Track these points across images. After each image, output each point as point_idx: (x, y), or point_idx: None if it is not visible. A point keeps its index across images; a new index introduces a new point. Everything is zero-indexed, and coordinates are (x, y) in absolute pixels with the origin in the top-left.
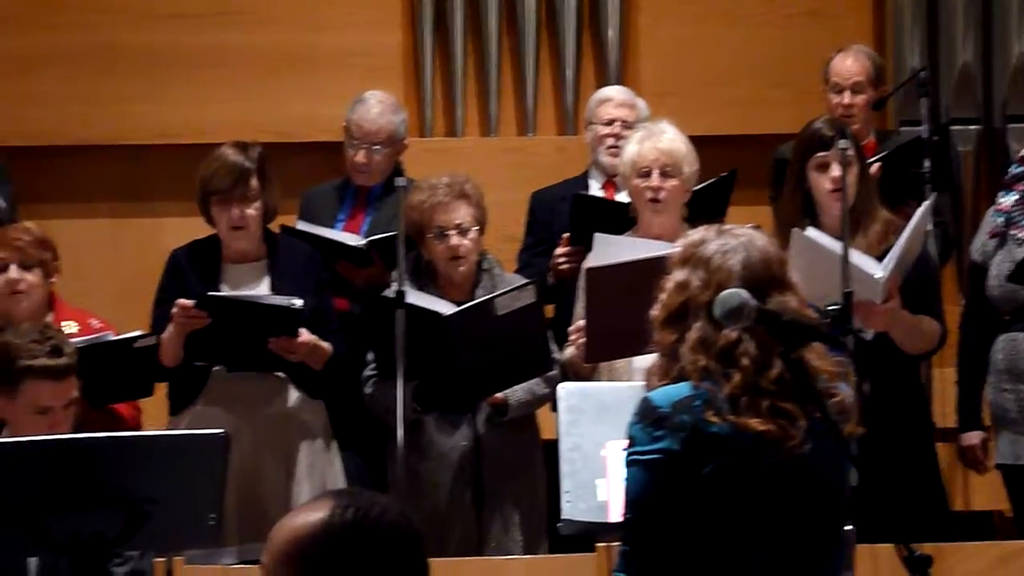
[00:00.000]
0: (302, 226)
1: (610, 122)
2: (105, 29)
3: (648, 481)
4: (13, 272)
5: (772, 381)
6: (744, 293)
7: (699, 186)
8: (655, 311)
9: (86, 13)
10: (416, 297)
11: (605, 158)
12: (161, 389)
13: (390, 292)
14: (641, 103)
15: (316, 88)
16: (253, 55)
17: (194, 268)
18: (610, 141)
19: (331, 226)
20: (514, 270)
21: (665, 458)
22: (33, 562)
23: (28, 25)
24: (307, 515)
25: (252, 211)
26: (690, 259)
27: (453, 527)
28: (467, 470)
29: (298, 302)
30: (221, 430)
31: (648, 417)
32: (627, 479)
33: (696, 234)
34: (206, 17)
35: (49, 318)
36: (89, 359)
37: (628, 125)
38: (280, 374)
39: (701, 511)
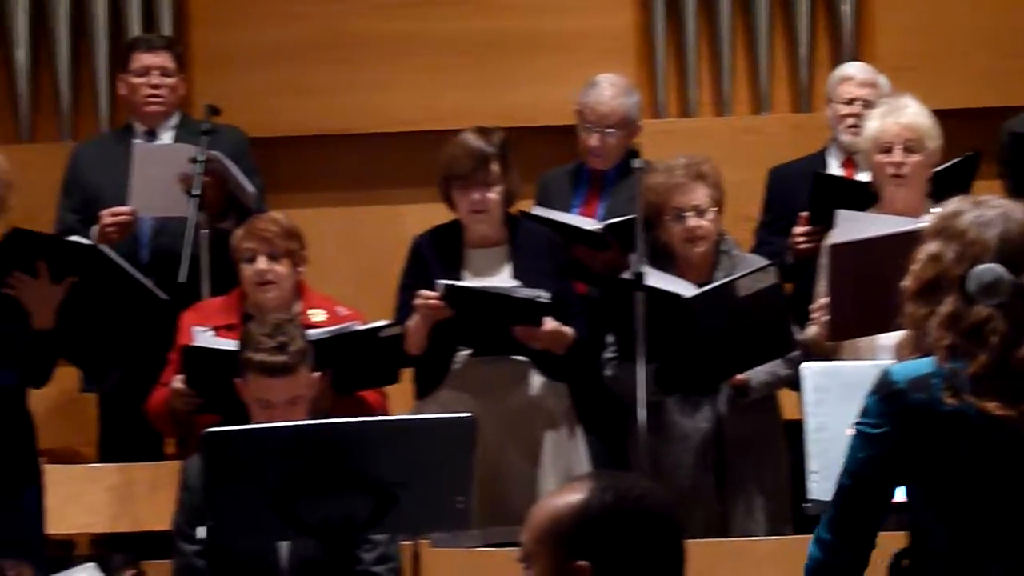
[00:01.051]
0: (538, 211)
1: (850, 101)
2: (342, 19)
3: (872, 455)
4: (262, 263)
5: (1022, 361)
6: (999, 268)
7: (940, 167)
8: (906, 283)
9: (324, 3)
10: (656, 279)
11: (845, 137)
12: (406, 373)
13: (629, 274)
14: (883, 80)
15: (549, 72)
16: (489, 41)
17: (436, 254)
18: (850, 120)
19: (566, 210)
20: (751, 247)
21: (893, 433)
22: (284, 546)
23: (266, 17)
24: (567, 496)
25: (493, 195)
26: (944, 231)
27: (695, 509)
28: (709, 452)
29: (545, 295)
30: (469, 414)
31: (883, 391)
32: (851, 446)
33: (951, 205)
34: (442, 5)
35: (297, 307)
36: (336, 348)
37: (869, 104)
38: (523, 358)
39: (930, 489)
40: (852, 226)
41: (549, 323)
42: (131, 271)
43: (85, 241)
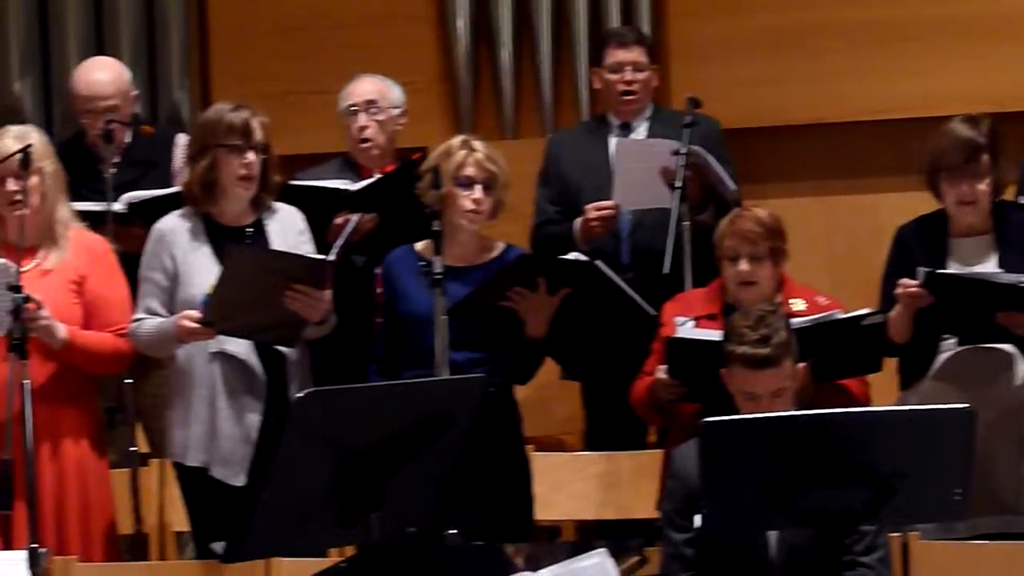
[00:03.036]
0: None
1: None
2: (814, 8)
3: None
4: (743, 265)
5: None
6: None
7: None
8: None
9: None
10: None
11: None
12: (890, 363)
13: None
14: None
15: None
16: (963, 25)
17: (921, 244)
18: None
19: None
20: None
21: None
22: (773, 535)
23: (740, 8)
24: None
25: (983, 187)
26: None
27: None
28: None
29: None
30: (967, 405)
31: None
32: None
33: None
34: None
35: (778, 297)
36: (818, 337)
37: None
38: (1009, 347)
39: None
40: None
41: None
42: (623, 286)
43: (583, 258)
